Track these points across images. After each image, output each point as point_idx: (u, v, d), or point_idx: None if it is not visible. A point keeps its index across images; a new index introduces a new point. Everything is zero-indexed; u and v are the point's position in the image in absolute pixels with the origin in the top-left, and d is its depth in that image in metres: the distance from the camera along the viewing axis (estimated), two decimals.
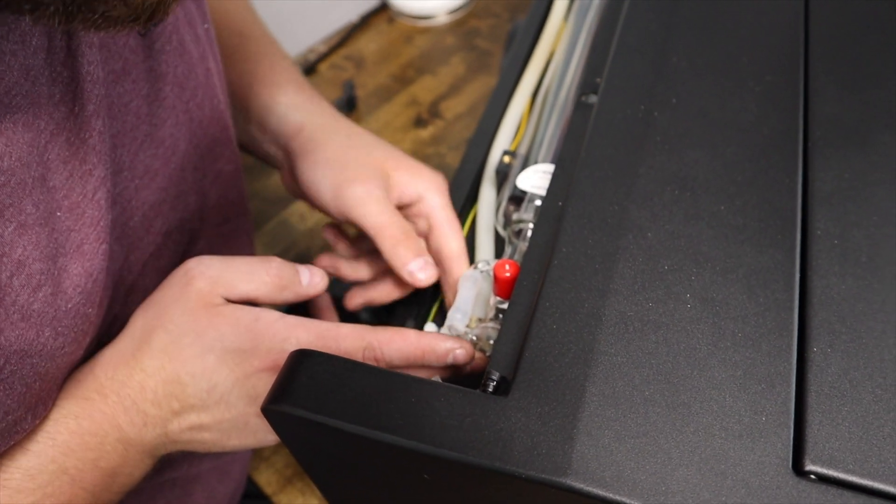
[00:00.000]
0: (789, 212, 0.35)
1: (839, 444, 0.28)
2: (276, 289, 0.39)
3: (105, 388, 0.37)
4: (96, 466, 0.36)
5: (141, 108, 0.40)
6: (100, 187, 0.35)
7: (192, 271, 0.39)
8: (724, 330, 0.31)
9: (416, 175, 0.49)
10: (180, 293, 0.38)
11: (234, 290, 0.39)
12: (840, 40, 0.43)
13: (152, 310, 0.39)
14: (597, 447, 0.28)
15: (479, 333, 0.40)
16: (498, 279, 0.38)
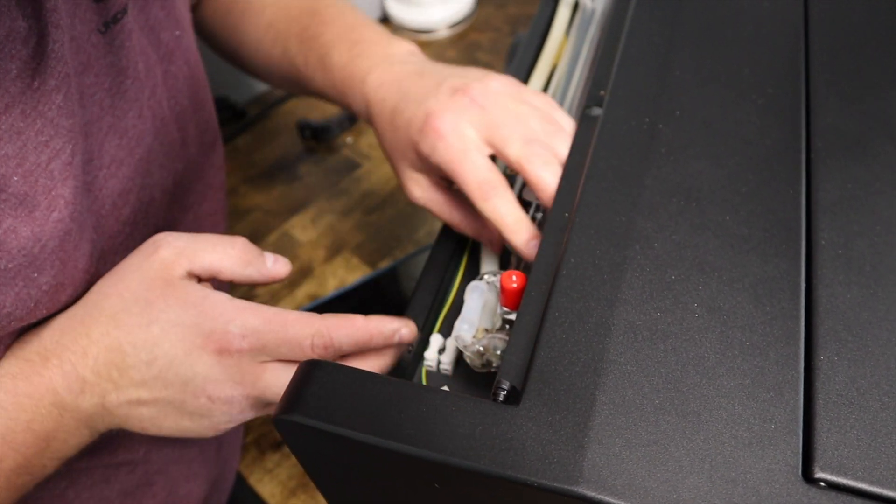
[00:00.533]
0: (793, 222, 0.35)
1: (848, 452, 0.28)
2: (240, 262, 0.40)
3: (48, 350, 0.37)
4: (29, 428, 0.36)
5: (104, 100, 0.42)
6: (54, 158, 0.37)
7: (159, 241, 0.39)
8: (731, 339, 0.31)
9: None
10: (143, 261, 0.39)
11: (198, 258, 0.39)
12: (840, 51, 0.44)
13: (113, 276, 0.39)
14: (608, 455, 0.28)
15: (486, 344, 0.40)
16: (505, 290, 0.39)
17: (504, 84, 0.47)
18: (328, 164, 0.89)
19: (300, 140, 0.92)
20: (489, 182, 0.43)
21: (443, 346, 0.46)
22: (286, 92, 0.76)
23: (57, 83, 0.36)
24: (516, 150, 0.43)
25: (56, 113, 0.37)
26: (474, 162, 0.43)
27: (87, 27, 0.40)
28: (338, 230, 0.82)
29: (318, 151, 0.90)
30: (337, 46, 0.52)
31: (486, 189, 0.43)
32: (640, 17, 0.47)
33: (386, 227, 0.81)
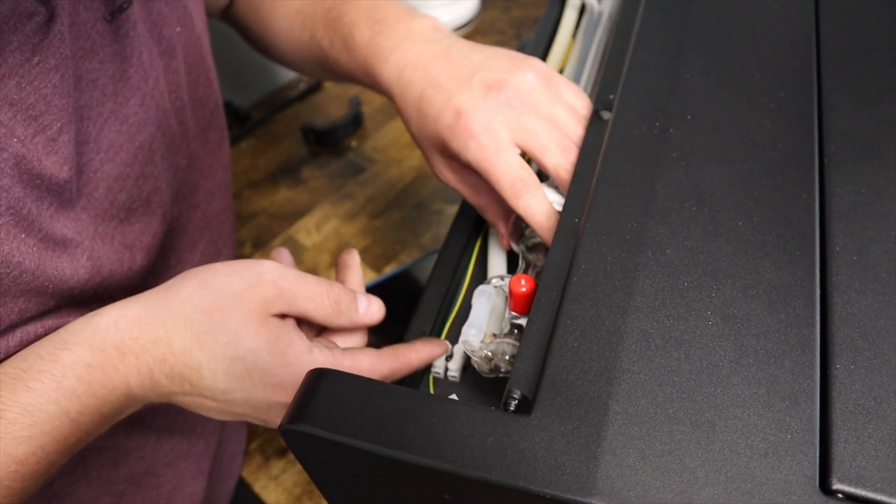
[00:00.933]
0: (807, 227, 0.35)
1: (866, 463, 0.27)
2: (333, 313, 0.41)
3: (126, 346, 0.38)
4: (98, 412, 0.37)
5: (107, 86, 0.43)
6: (40, 132, 0.38)
7: (265, 275, 0.39)
8: (746, 347, 0.31)
9: None
10: (245, 290, 0.39)
11: (295, 305, 0.40)
12: (852, 54, 0.43)
13: (206, 290, 0.39)
14: (622, 466, 0.27)
15: (495, 349, 0.40)
16: (514, 294, 0.38)
17: (539, 77, 0.46)
18: (333, 167, 0.89)
19: (305, 144, 0.92)
20: (522, 180, 0.43)
21: (450, 353, 0.46)
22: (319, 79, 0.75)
23: (56, 63, 0.38)
24: (554, 160, 0.43)
25: (51, 91, 0.38)
26: (507, 161, 0.43)
27: (92, 14, 0.41)
28: (343, 235, 0.81)
29: (323, 155, 0.90)
30: (359, 25, 0.52)
31: (519, 187, 0.42)
32: (649, 20, 0.47)
33: (391, 232, 0.81)
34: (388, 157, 0.89)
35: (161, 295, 0.39)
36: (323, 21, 0.56)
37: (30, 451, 0.35)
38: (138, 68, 0.45)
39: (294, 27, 0.59)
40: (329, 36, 0.55)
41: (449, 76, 0.46)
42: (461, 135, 0.44)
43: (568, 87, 0.47)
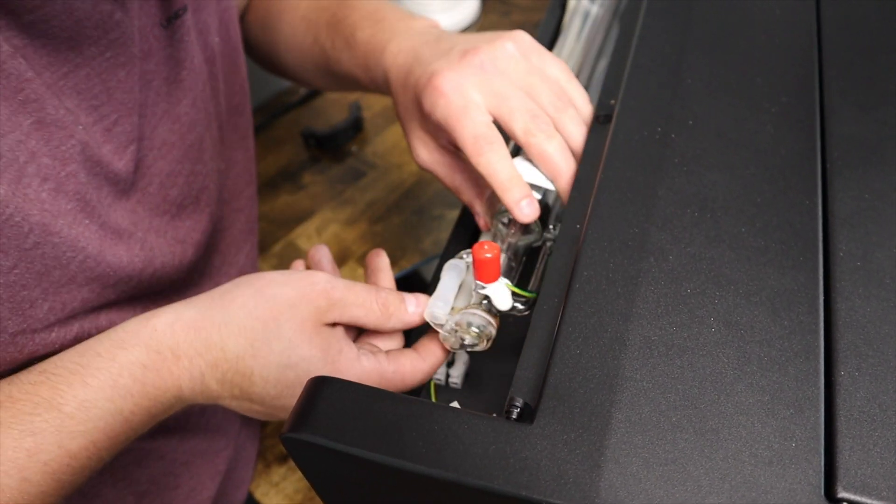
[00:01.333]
0: (810, 233, 0.35)
1: (871, 471, 0.27)
2: (382, 317, 0.41)
3: (181, 349, 0.39)
4: (148, 412, 0.39)
5: (161, 87, 0.46)
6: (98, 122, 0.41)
7: (317, 285, 0.41)
8: (749, 354, 0.30)
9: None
10: (299, 300, 0.40)
11: (346, 313, 0.41)
12: (854, 58, 0.43)
13: (261, 297, 0.40)
14: (625, 475, 0.27)
15: (460, 320, 0.39)
16: (477, 261, 0.37)
17: (518, 47, 0.46)
18: (333, 172, 0.88)
19: (305, 149, 0.91)
20: (485, 137, 0.43)
21: (451, 360, 0.45)
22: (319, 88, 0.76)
23: (124, 60, 0.41)
24: (521, 123, 0.43)
25: (115, 85, 0.41)
26: (473, 118, 0.43)
27: (151, 19, 0.44)
28: (343, 240, 0.81)
29: (323, 160, 0.90)
30: (361, 25, 0.54)
31: (482, 143, 0.42)
32: (650, 24, 0.47)
33: (392, 237, 0.80)
34: (388, 162, 0.89)
35: (216, 300, 0.40)
36: (326, 25, 0.57)
37: (83, 446, 0.36)
38: (190, 72, 0.47)
39: (298, 33, 0.60)
40: (331, 38, 0.56)
41: (433, 52, 0.47)
42: (432, 94, 0.44)
43: (550, 58, 0.47)
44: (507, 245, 0.42)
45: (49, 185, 0.38)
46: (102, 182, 0.41)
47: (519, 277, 0.42)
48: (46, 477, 0.35)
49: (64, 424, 0.36)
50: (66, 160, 0.39)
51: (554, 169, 0.42)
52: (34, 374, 0.37)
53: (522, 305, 0.39)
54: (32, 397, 0.36)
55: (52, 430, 0.36)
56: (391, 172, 0.88)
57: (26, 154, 0.36)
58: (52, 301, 0.39)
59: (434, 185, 0.86)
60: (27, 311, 0.38)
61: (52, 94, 0.38)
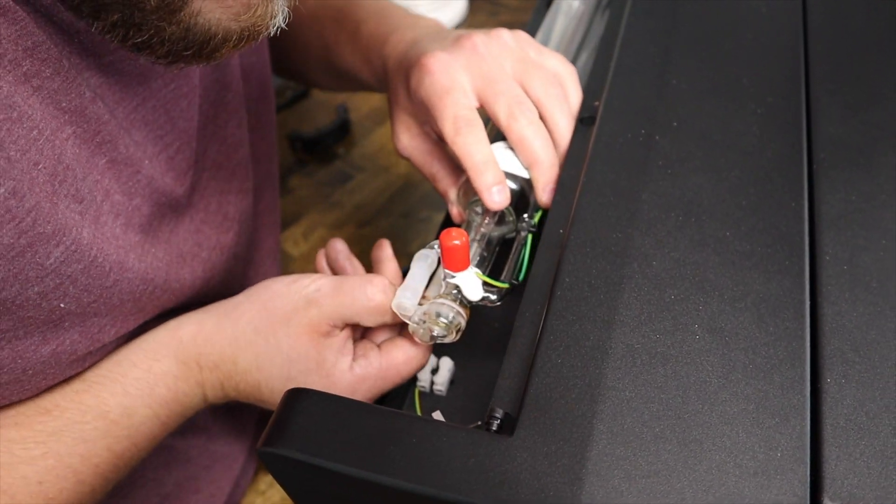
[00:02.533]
0: (796, 237, 0.34)
1: (858, 481, 0.27)
2: (378, 314, 0.41)
3: (202, 361, 0.42)
4: (181, 415, 0.43)
5: (209, 110, 0.47)
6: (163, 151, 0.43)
7: (310, 297, 0.41)
8: (734, 361, 0.30)
9: None
10: (293, 314, 0.41)
11: (340, 317, 0.41)
12: (841, 59, 0.43)
13: (266, 313, 0.42)
14: (606, 488, 0.26)
15: (427, 310, 0.38)
16: (445, 249, 0.36)
17: (516, 39, 0.46)
18: (320, 176, 0.88)
19: (291, 152, 0.91)
20: (465, 118, 0.42)
21: (436, 366, 0.45)
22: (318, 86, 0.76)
23: (187, 91, 0.43)
24: (504, 107, 0.42)
25: (178, 115, 0.43)
26: (456, 99, 0.43)
27: None
28: None
29: (310, 164, 0.89)
30: (366, 20, 0.54)
31: (461, 124, 0.42)
32: (634, 24, 0.46)
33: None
34: (376, 165, 0.88)
35: (230, 313, 0.43)
36: (331, 20, 0.58)
37: (127, 448, 0.41)
38: (235, 94, 0.49)
39: (303, 29, 0.61)
40: (335, 33, 0.57)
41: (431, 40, 0.48)
42: (419, 71, 0.44)
43: (550, 53, 0.46)
44: (479, 235, 0.41)
45: (121, 221, 0.39)
46: (166, 210, 0.43)
47: (492, 268, 0.41)
48: (97, 478, 0.40)
49: (110, 430, 0.40)
50: (133, 194, 0.40)
51: (531, 155, 0.42)
52: (77, 382, 0.40)
53: (494, 296, 0.38)
54: (79, 406, 0.39)
55: (100, 435, 0.39)
56: (379, 175, 0.87)
57: (102, 193, 0.38)
58: (119, 327, 0.41)
59: (421, 188, 0.85)
60: (96, 335, 0.40)
61: (123, 129, 0.39)
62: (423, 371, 0.44)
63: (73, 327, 0.39)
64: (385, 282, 0.41)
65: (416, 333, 0.39)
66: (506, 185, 0.41)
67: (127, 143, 0.39)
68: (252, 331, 0.42)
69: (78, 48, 0.35)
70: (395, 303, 0.39)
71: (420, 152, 0.49)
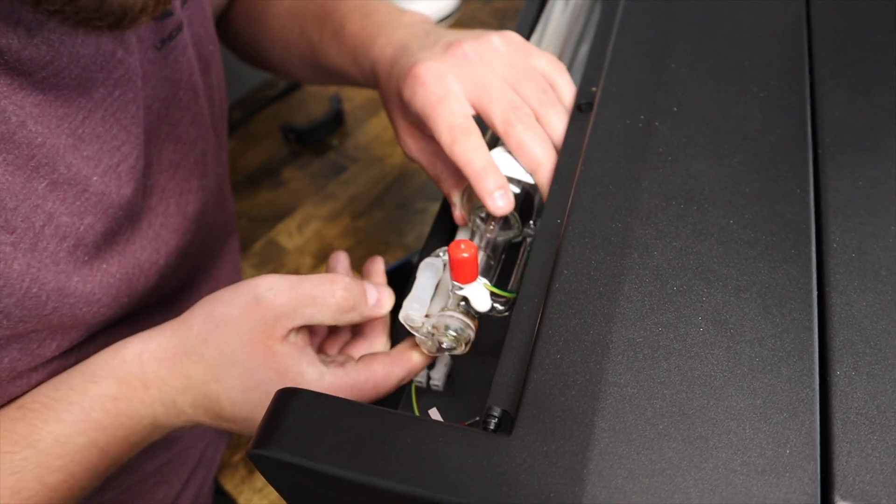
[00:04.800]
0: (802, 224, 0.33)
1: (870, 477, 0.26)
2: (340, 311, 0.39)
3: (149, 380, 0.39)
4: (126, 441, 0.39)
5: (161, 109, 0.45)
6: (122, 161, 0.41)
7: (260, 298, 0.38)
8: (739, 354, 0.29)
9: None
10: (243, 318, 0.38)
11: (298, 315, 0.38)
12: (845, 41, 0.41)
13: (211, 323, 0.39)
14: (609, 488, 0.25)
15: (436, 323, 0.37)
16: (454, 261, 0.35)
17: (506, 42, 0.45)
18: (314, 167, 0.86)
19: (285, 144, 0.89)
20: (461, 126, 0.41)
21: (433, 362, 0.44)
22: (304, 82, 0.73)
23: (133, 96, 0.41)
24: (501, 114, 0.42)
25: (129, 122, 0.41)
26: (450, 108, 0.42)
27: (145, 44, 0.43)
28: (325, 236, 0.79)
29: (304, 155, 0.88)
30: (350, 18, 0.53)
31: (457, 133, 0.41)
32: (633, 7, 0.45)
33: (374, 232, 0.79)
34: (370, 156, 0.87)
35: (176, 330, 0.40)
36: (313, 17, 0.56)
37: (62, 479, 0.37)
38: (187, 90, 0.47)
39: (284, 25, 0.59)
40: (319, 31, 0.55)
41: (420, 44, 0.46)
42: (412, 82, 0.43)
43: (538, 53, 0.46)
44: (485, 241, 0.40)
45: (67, 244, 0.38)
46: (123, 221, 0.42)
47: (498, 276, 0.40)
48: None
49: (42, 461, 0.37)
50: (83, 213, 0.38)
51: (532, 160, 0.41)
52: (12, 409, 0.38)
53: (502, 306, 0.37)
54: (11, 435, 0.37)
55: (31, 467, 0.36)
56: (373, 166, 0.86)
57: (43, 218, 0.36)
58: (60, 341, 0.40)
59: (416, 179, 0.84)
60: (35, 350, 0.39)
61: (69, 148, 0.37)
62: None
63: (11, 345, 0.38)
64: (346, 279, 0.39)
65: (424, 345, 0.38)
66: (508, 189, 0.40)
67: (70, 161, 0.37)
68: (202, 343, 0.39)
69: (4, 70, 0.34)
70: (403, 314, 0.38)
71: (425, 154, 0.48)
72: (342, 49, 0.53)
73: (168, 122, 0.46)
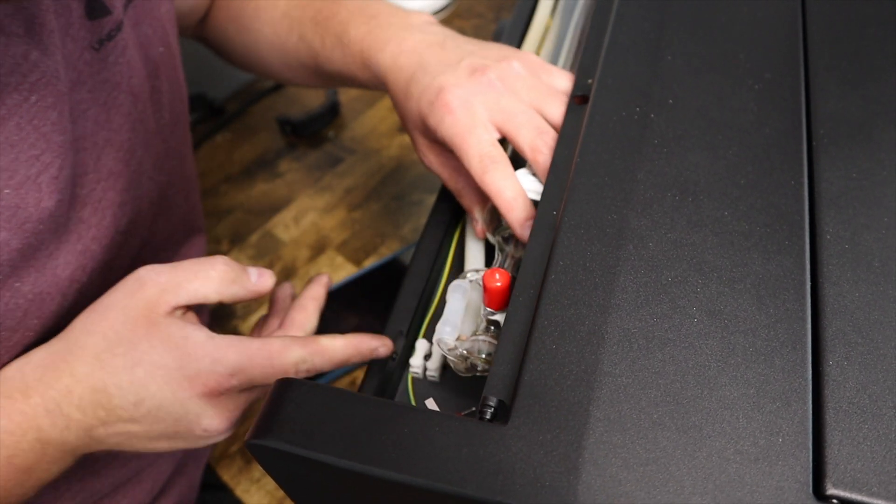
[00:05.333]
0: (796, 215, 0.33)
1: (862, 465, 0.26)
2: (223, 283, 0.40)
3: (30, 388, 0.37)
4: (10, 463, 0.36)
5: (99, 115, 0.43)
6: (43, 172, 0.38)
7: (143, 278, 0.39)
8: (733, 345, 0.29)
9: None
10: (127, 299, 0.39)
11: (181, 291, 0.39)
12: (840, 33, 0.42)
13: (96, 313, 0.39)
14: (604, 477, 0.26)
15: (470, 347, 0.38)
16: (488, 290, 0.36)
17: (525, 65, 0.46)
18: (310, 159, 0.86)
19: (281, 136, 0.89)
20: (490, 156, 0.42)
21: (429, 352, 0.44)
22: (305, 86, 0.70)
23: (54, 101, 0.38)
24: (528, 140, 0.42)
25: (50, 129, 0.38)
26: (479, 137, 0.43)
27: (79, 44, 0.41)
28: (321, 228, 0.79)
29: (300, 147, 0.88)
30: (353, 22, 0.52)
31: (487, 163, 0.42)
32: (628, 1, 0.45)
33: (371, 224, 0.79)
34: (366, 147, 0.87)
35: (59, 336, 0.39)
36: (312, 22, 0.55)
37: None
38: (128, 94, 0.45)
39: (280, 31, 0.58)
40: (321, 35, 0.54)
41: (439, 60, 0.46)
42: (439, 110, 0.44)
43: (559, 73, 0.46)
44: (510, 262, 0.41)
45: None
46: (46, 236, 0.39)
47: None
48: None
49: None
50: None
51: None
52: None
53: None
54: None
55: None
56: (370, 157, 0.86)
57: None
58: None
59: (413, 170, 0.84)
60: None
61: None
62: (416, 357, 0.43)
63: None
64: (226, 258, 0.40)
65: (456, 367, 0.39)
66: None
67: None
68: (86, 334, 0.38)
69: None
70: (437, 338, 0.39)
71: (445, 168, 0.48)
72: (348, 54, 0.52)
73: (108, 128, 0.44)
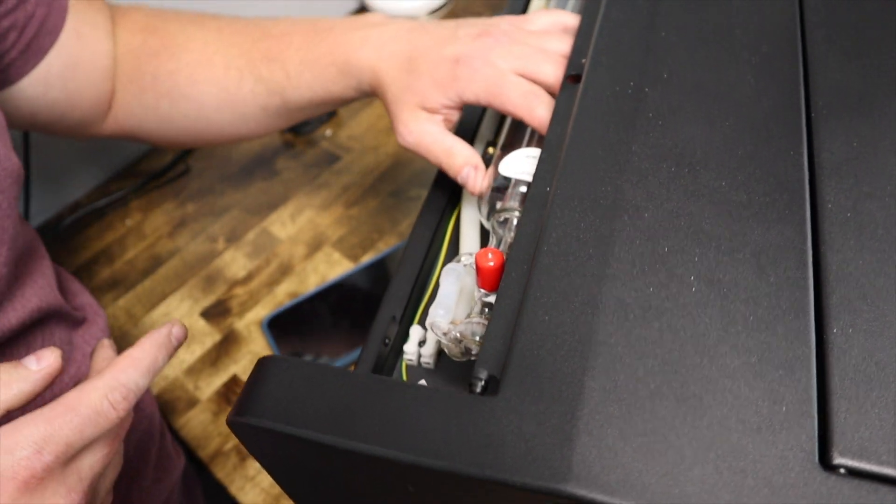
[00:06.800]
0: (796, 184, 0.32)
1: (869, 434, 0.25)
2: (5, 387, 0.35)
3: None
4: None
5: None
6: None
7: None
8: (734, 313, 0.28)
9: None
10: None
11: None
12: (837, 4, 0.41)
13: None
14: (599, 448, 0.25)
15: (464, 330, 0.37)
16: (480, 269, 0.35)
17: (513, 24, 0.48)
18: (307, 157, 0.86)
19: (278, 134, 0.88)
20: (532, 91, 0.43)
21: (423, 339, 0.43)
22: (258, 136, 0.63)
23: None
24: (552, 73, 0.44)
25: None
26: (514, 81, 0.44)
27: None
28: (318, 225, 0.78)
29: (297, 145, 0.87)
30: (313, 41, 0.52)
31: (531, 98, 0.43)
32: None
33: (368, 221, 0.78)
34: (363, 145, 0.86)
35: None
36: (265, 60, 0.54)
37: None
38: None
39: (230, 85, 0.56)
40: (281, 68, 0.54)
41: (432, 39, 0.48)
42: (464, 75, 0.45)
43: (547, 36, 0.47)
44: (506, 246, 0.40)
45: None
46: None
47: None
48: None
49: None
50: None
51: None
52: None
53: None
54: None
55: None
56: (366, 155, 0.85)
57: None
58: None
59: (410, 167, 0.83)
60: None
61: None
62: (410, 344, 0.42)
63: None
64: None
65: (450, 350, 0.38)
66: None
67: None
68: None
69: None
70: (430, 321, 0.38)
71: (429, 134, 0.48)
72: (318, 71, 0.52)
73: None
